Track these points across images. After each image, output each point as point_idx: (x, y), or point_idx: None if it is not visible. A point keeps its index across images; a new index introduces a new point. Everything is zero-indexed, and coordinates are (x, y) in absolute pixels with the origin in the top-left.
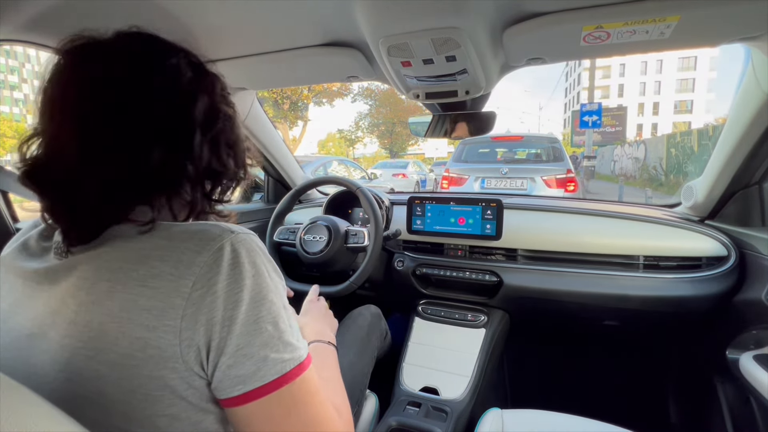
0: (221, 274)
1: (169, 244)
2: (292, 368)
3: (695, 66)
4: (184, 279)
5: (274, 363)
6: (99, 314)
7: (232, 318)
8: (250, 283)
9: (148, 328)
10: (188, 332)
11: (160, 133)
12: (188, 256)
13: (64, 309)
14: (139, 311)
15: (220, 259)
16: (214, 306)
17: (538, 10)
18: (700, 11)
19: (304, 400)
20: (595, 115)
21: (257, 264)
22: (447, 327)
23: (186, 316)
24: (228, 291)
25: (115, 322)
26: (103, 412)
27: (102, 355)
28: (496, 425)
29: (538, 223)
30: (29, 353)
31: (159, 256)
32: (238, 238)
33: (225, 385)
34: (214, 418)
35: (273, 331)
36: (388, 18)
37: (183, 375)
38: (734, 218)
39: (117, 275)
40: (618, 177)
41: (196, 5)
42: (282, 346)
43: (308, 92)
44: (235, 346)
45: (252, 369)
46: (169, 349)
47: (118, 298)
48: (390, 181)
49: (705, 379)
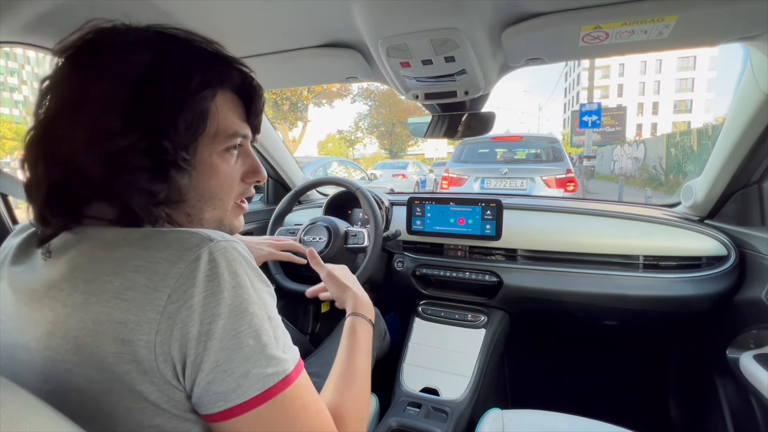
0: (197, 286)
1: (144, 254)
2: (276, 383)
3: (694, 66)
4: (158, 291)
5: (256, 378)
6: (74, 327)
7: (208, 333)
8: (229, 295)
9: (123, 342)
10: (163, 347)
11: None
12: (163, 266)
13: (43, 320)
14: (113, 325)
15: (196, 270)
16: (190, 320)
17: (536, 11)
18: (699, 11)
19: (291, 415)
20: (595, 115)
21: (238, 274)
22: (447, 327)
23: (160, 331)
24: (204, 304)
25: (89, 336)
26: (88, 425)
27: (79, 368)
28: (497, 425)
29: (537, 223)
30: (14, 362)
31: (134, 267)
32: (218, 246)
33: (205, 401)
34: (200, 427)
35: (255, 345)
36: (387, 19)
37: (162, 388)
38: (734, 218)
39: (92, 286)
40: (618, 177)
41: (195, 7)
42: (265, 361)
43: (308, 93)
44: (213, 362)
45: (232, 386)
46: (146, 363)
47: (93, 311)
48: (390, 181)
49: (705, 379)
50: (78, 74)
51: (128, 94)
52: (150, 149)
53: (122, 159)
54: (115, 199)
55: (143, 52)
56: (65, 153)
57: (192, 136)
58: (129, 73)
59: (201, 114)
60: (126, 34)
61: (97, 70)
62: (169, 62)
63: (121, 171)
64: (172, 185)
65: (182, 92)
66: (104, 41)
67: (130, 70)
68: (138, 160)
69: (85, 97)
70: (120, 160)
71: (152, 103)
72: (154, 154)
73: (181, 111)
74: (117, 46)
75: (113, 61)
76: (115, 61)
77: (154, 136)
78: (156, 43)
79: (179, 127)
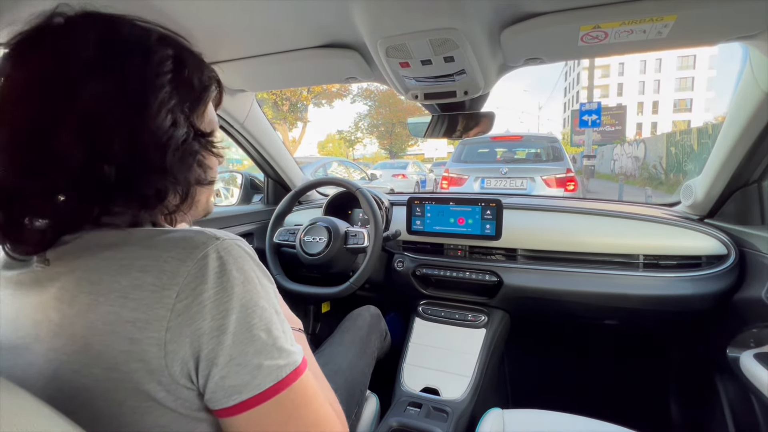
0: (207, 283)
1: (151, 254)
2: (288, 374)
3: (694, 65)
4: (167, 290)
5: (269, 370)
6: (82, 327)
7: (222, 328)
8: (240, 290)
9: (132, 341)
10: (173, 344)
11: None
12: (172, 265)
13: (47, 322)
14: (122, 324)
15: (206, 267)
16: (201, 316)
17: (535, 11)
18: (697, 10)
19: (302, 405)
20: (595, 114)
21: (246, 270)
22: (447, 327)
23: (171, 328)
24: (216, 300)
25: (98, 335)
26: (93, 426)
27: (87, 368)
28: (497, 425)
29: (537, 223)
30: (14, 365)
31: (141, 267)
32: (224, 244)
33: (219, 396)
34: (207, 425)
35: (266, 338)
36: (386, 19)
37: (169, 388)
38: (733, 216)
39: (98, 287)
40: (618, 176)
41: (195, 7)
42: (277, 353)
43: (308, 93)
44: (228, 356)
45: (247, 378)
46: (154, 361)
47: (101, 311)
48: (390, 181)
49: (705, 378)
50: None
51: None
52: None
53: (185, 147)
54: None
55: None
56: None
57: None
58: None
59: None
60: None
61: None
62: (187, 57)
63: (185, 158)
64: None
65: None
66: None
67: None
68: (194, 146)
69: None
70: (183, 148)
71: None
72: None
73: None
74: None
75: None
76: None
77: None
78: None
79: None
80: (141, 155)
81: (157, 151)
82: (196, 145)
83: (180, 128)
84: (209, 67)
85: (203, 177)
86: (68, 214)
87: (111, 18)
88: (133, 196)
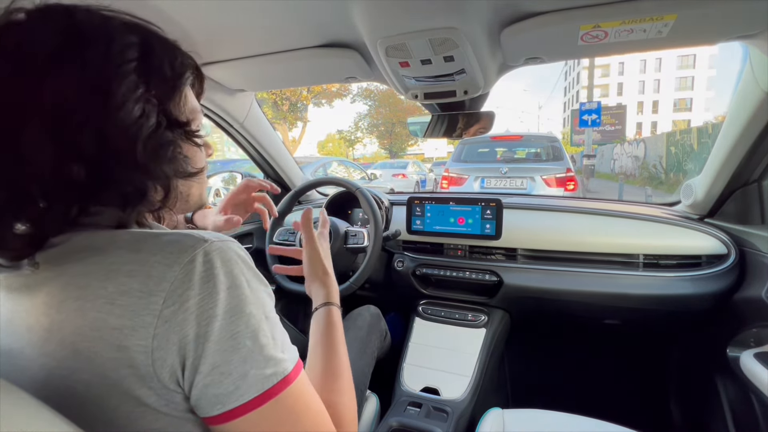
0: (193, 288)
1: (138, 258)
2: (275, 383)
3: (694, 64)
4: (154, 296)
5: (254, 380)
6: (71, 333)
7: (205, 335)
8: (225, 296)
9: (119, 348)
10: (160, 352)
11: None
12: (158, 270)
13: (38, 326)
14: (109, 331)
15: (192, 272)
16: (187, 323)
17: (535, 10)
18: (697, 10)
19: (292, 415)
20: (595, 113)
21: (234, 274)
22: (447, 327)
23: (158, 335)
24: (200, 306)
25: (86, 342)
26: (88, 431)
27: (76, 374)
28: (497, 425)
29: (537, 223)
30: (10, 369)
31: (128, 272)
32: (213, 246)
33: (203, 404)
34: (204, 427)
35: (252, 345)
36: (386, 19)
37: (160, 393)
38: (734, 216)
39: (85, 292)
40: (618, 175)
41: (194, 7)
42: (263, 361)
43: (307, 93)
44: (211, 364)
45: (230, 388)
46: (143, 368)
47: (89, 317)
48: (390, 181)
49: (705, 377)
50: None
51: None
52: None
53: (161, 137)
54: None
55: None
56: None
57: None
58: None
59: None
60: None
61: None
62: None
63: (158, 149)
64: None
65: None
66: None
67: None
68: (167, 136)
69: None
70: (158, 138)
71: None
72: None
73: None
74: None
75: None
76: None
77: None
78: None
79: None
80: (111, 150)
81: (127, 143)
82: (170, 135)
83: (150, 118)
84: (184, 54)
85: (183, 168)
86: (45, 217)
87: (68, 9)
88: (112, 194)
